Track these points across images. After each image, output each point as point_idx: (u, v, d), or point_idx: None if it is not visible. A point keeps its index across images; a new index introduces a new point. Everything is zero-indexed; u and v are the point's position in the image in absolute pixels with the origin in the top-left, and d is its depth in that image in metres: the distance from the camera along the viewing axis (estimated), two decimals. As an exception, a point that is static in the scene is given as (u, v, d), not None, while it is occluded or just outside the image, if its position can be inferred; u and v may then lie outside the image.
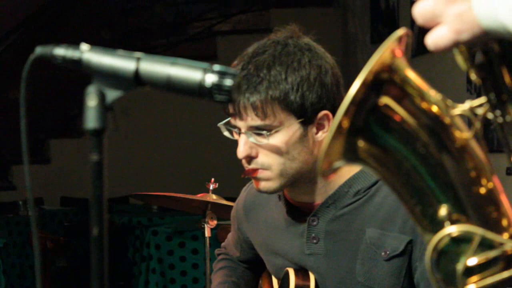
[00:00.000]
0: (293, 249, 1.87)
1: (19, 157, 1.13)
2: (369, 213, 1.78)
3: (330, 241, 1.82)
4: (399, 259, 1.75)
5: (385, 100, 0.99)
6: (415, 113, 1.00)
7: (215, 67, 1.01)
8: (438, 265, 1.02)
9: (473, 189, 1.00)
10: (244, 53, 1.77)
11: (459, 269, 1.00)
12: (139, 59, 1.03)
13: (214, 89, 1.00)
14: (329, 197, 1.81)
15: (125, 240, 5.46)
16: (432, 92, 1.01)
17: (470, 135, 1.00)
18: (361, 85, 0.97)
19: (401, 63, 1.00)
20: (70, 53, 1.05)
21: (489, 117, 1.00)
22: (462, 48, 0.98)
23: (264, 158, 1.75)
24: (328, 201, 1.81)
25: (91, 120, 1.02)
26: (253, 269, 2.18)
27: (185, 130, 7.39)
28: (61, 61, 1.05)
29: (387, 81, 0.99)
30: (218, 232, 3.79)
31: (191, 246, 4.97)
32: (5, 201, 6.27)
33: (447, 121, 1.00)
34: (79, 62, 1.05)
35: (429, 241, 1.02)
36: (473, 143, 1.00)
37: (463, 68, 0.99)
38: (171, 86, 1.02)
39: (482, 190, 1.00)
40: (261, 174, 1.76)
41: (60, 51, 1.05)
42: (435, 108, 1.00)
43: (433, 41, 0.96)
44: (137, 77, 1.03)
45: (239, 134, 1.76)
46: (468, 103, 1.01)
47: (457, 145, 1.00)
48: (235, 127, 1.77)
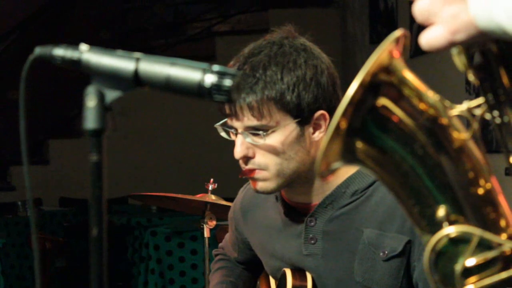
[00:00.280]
0: (291, 249, 1.87)
1: (18, 157, 1.13)
2: (367, 213, 1.78)
3: (328, 241, 1.82)
4: (397, 260, 1.75)
5: (383, 101, 0.99)
6: (413, 114, 1.00)
7: (215, 68, 1.01)
8: (436, 265, 1.02)
9: (471, 190, 1.00)
10: (240, 53, 1.77)
11: (457, 270, 1.00)
12: (138, 59, 1.03)
13: (213, 90, 1.00)
14: (326, 197, 1.81)
15: (124, 240, 5.46)
16: (430, 93, 1.01)
17: (468, 135, 1.00)
18: (359, 86, 0.98)
19: (399, 64, 1.01)
20: (69, 53, 1.05)
21: (487, 118, 1.00)
22: (460, 49, 0.98)
23: (261, 158, 1.75)
24: (325, 201, 1.81)
25: (91, 120, 1.02)
26: (250, 269, 2.18)
27: (184, 130, 7.39)
28: (60, 61, 1.05)
29: (384, 82, 0.99)
30: (217, 232, 3.79)
31: (190, 246, 4.97)
32: (4, 201, 6.27)
33: (445, 121, 1.00)
34: (78, 62, 1.05)
35: (427, 242, 1.02)
36: (471, 144, 1.01)
37: (461, 69, 0.99)
38: (170, 86, 1.02)
39: (480, 190, 1.00)
40: (258, 174, 1.77)
41: (59, 52, 1.05)
42: (432, 109, 1.00)
43: (427, 41, 0.96)
44: (137, 78, 1.03)
45: (236, 134, 1.77)
46: (466, 104, 1.01)
47: (455, 146, 1.00)
48: (231, 128, 1.78)
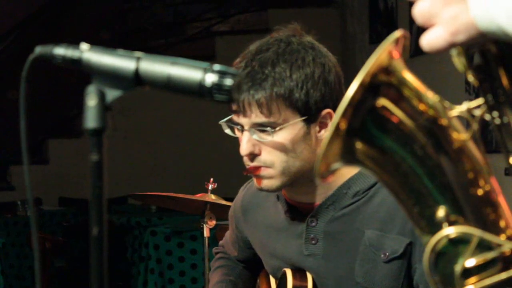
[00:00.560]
0: (292, 249, 1.87)
1: (18, 157, 1.13)
2: (368, 214, 1.78)
3: (329, 242, 1.81)
4: (398, 261, 1.74)
5: (383, 101, 0.99)
6: (413, 115, 1.00)
7: (215, 67, 1.00)
8: (436, 266, 1.02)
9: (471, 191, 1.00)
10: (246, 51, 1.76)
11: (457, 271, 1.00)
12: (139, 58, 1.03)
13: (214, 89, 1.00)
14: (328, 198, 1.81)
15: (124, 240, 5.46)
16: (429, 93, 1.01)
17: (467, 136, 1.00)
18: (359, 87, 0.98)
19: (398, 64, 1.01)
20: (70, 52, 1.05)
21: (486, 119, 1.00)
22: (459, 49, 0.98)
23: (267, 155, 1.74)
24: (327, 202, 1.81)
25: (91, 119, 1.01)
26: (251, 268, 2.18)
27: (184, 130, 7.39)
28: (60, 60, 1.05)
29: (384, 82, 0.99)
30: (217, 232, 3.79)
31: (190, 246, 4.97)
32: (4, 201, 6.27)
33: (445, 122, 1.00)
34: (79, 61, 1.04)
35: (427, 243, 1.02)
36: (471, 144, 1.01)
37: (461, 70, 0.99)
38: (171, 85, 1.02)
39: (480, 191, 1.00)
40: (264, 172, 1.76)
41: (60, 51, 1.05)
42: (432, 109, 1.00)
43: (428, 42, 0.96)
44: (137, 77, 1.02)
45: (242, 131, 1.76)
46: (465, 105, 1.01)
47: (455, 147, 1.00)
48: (237, 124, 1.77)
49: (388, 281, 1.75)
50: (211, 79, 1.00)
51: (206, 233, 3.18)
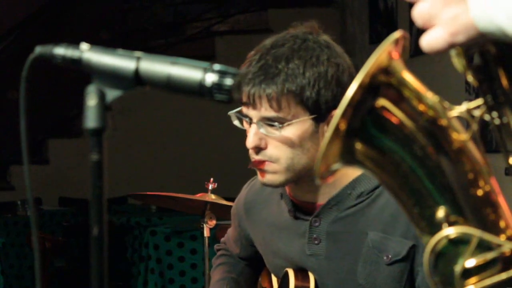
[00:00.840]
0: (294, 249, 1.87)
1: (18, 157, 1.13)
2: (372, 216, 1.77)
3: (331, 242, 1.81)
4: (401, 264, 1.74)
5: (382, 102, 0.99)
6: (412, 115, 1.00)
7: (215, 67, 1.00)
8: (436, 266, 1.02)
9: (471, 191, 1.00)
10: (261, 44, 1.75)
11: (457, 271, 1.01)
12: (139, 58, 1.03)
13: (214, 89, 1.00)
14: (332, 198, 1.80)
15: (124, 240, 5.46)
16: (429, 94, 1.01)
17: (467, 136, 1.00)
18: (358, 88, 0.98)
19: (398, 65, 1.01)
20: (70, 52, 1.05)
21: (486, 119, 1.00)
22: (459, 50, 0.98)
23: (272, 150, 1.74)
24: (330, 202, 1.80)
25: (91, 119, 1.02)
26: (252, 266, 2.18)
27: (184, 129, 7.39)
28: (61, 60, 1.05)
29: (384, 83, 0.99)
30: (217, 232, 3.79)
31: (190, 246, 4.97)
32: (4, 201, 6.27)
33: (444, 123, 1.00)
34: (79, 61, 1.04)
35: (427, 243, 1.02)
36: (471, 145, 1.01)
37: (460, 70, 1.00)
38: (171, 85, 1.02)
39: (479, 191, 1.00)
40: (268, 166, 1.75)
41: (60, 51, 1.05)
42: (432, 110, 1.00)
43: (428, 43, 0.97)
44: (137, 77, 1.02)
45: (250, 123, 1.75)
46: (465, 105, 1.01)
47: (455, 147, 1.00)
48: (246, 117, 1.76)
49: (390, 284, 1.75)
50: (211, 78, 1.00)
51: (206, 233, 3.18)
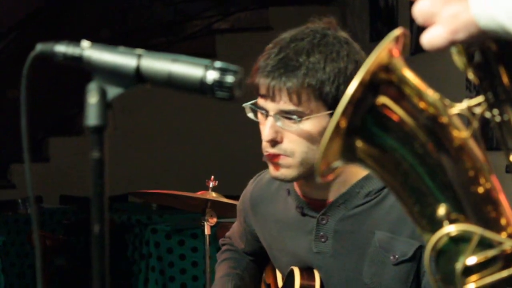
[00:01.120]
0: (301, 246, 1.87)
1: (18, 155, 1.13)
2: (380, 215, 1.77)
3: (338, 240, 1.81)
4: (407, 264, 1.74)
5: (383, 100, 1.00)
6: (413, 113, 1.00)
7: (217, 64, 1.00)
8: (437, 264, 1.02)
9: (472, 188, 1.00)
10: (279, 38, 1.75)
11: (458, 269, 1.01)
12: (140, 56, 1.03)
13: (215, 86, 1.00)
14: (340, 196, 1.80)
15: (125, 238, 5.46)
16: (429, 91, 1.01)
17: (468, 134, 1.00)
18: (359, 85, 0.98)
19: (398, 62, 1.01)
20: (71, 50, 1.05)
21: (487, 116, 1.00)
22: (459, 48, 0.98)
23: (288, 144, 1.73)
24: (339, 200, 1.80)
25: (92, 117, 1.02)
26: (257, 261, 2.17)
27: (185, 127, 7.38)
28: (61, 58, 1.05)
29: (384, 81, 1.00)
30: (217, 230, 3.79)
31: (191, 244, 4.96)
32: (4, 199, 6.27)
33: (445, 120, 1.00)
34: (80, 59, 1.04)
35: (428, 241, 1.02)
36: (471, 142, 1.01)
37: (461, 68, 1.00)
38: (172, 83, 1.02)
39: (480, 189, 1.00)
40: (283, 160, 1.75)
41: (61, 48, 1.05)
42: (432, 107, 1.00)
43: (428, 40, 0.97)
44: (138, 74, 1.02)
45: (266, 116, 1.75)
46: (465, 102, 1.01)
47: (455, 145, 1.00)
48: (262, 109, 1.75)
49: (396, 284, 1.75)
50: (212, 76, 1.00)
51: (207, 231, 3.18)
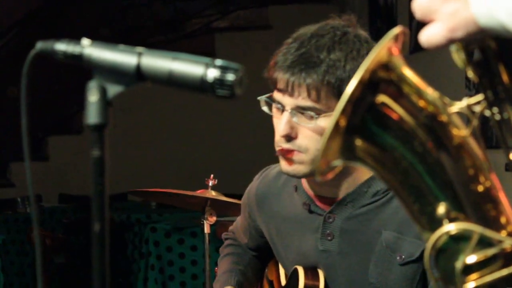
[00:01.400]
0: (307, 243, 1.86)
1: (18, 154, 1.13)
2: (387, 215, 1.77)
3: (344, 239, 1.81)
4: (414, 265, 1.74)
5: (382, 98, 0.99)
6: (412, 111, 1.00)
7: (217, 62, 1.00)
8: (437, 263, 1.02)
9: (471, 187, 1.00)
10: (298, 33, 1.74)
11: (458, 267, 1.00)
12: (140, 54, 1.03)
13: (216, 84, 0.99)
14: (347, 194, 1.80)
15: (124, 237, 5.45)
16: (429, 90, 1.01)
17: (467, 132, 1.00)
18: (358, 84, 0.98)
19: (398, 61, 1.01)
20: (71, 48, 1.05)
21: (486, 115, 1.00)
22: (459, 45, 0.98)
23: (303, 140, 1.73)
24: (346, 198, 1.80)
25: (92, 115, 1.01)
26: (260, 257, 2.17)
27: (185, 126, 7.38)
28: (62, 56, 1.05)
29: (384, 79, 0.99)
30: (217, 228, 3.79)
31: (190, 242, 4.96)
32: (4, 198, 6.27)
33: (445, 119, 1.00)
34: (80, 57, 1.04)
35: (428, 240, 1.02)
36: (471, 141, 1.01)
37: (460, 66, 1.00)
38: (172, 81, 1.01)
39: (480, 187, 1.00)
40: (296, 156, 1.74)
41: (61, 46, 1.05)
42: (432, 106, 1.00)
43: (427, 38, 0.97)
44: (139, 72, 1.02)
45: (282, 111, 1.74)
46: (465, 101, 1.01)
47: (455, 143, 1.00)
48: (278, 103, 1.75)
49: (402, 284, 1.75)
50: (213, 74, 0.99)
51: (206, 230, 3.17)
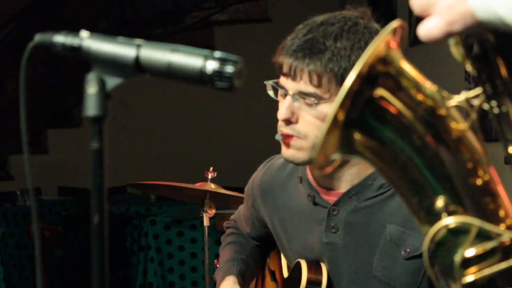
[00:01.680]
0: (311, 235, 1.86)
1: (17, 147, 1.13)
2: (392, 209, 1.77)
3: (349, 232, 1.80)
4: (418, 260, 1.74)
5: (381, 92, 0.99)
6: (411, 105, 1.00)
7: (216, 54, 1.00)
8: (435, 256, 1.02)
9: (470, 180, 1.00)
10: (310, 20, 1.74)
11: (457, 261, 1.01)
12: (139, 46, 1.03)
13: (215, 76, 0.99)
14: (352, 187, 1.80)
15: (123, 230, 5.46)
16: (427, 83, 1.01)
17: (466, 126, 1.00)
18: (356, 77, 0.98)
19: (396, 55, 1.01)
20: (69, 40, 1.05)
21: (485, 108, 1.00)
22: (457, 39, 0.98)
23: (302, 126, 1.73)
24: (351, 191, 1.80)
25: (91, 107, 1.01)
26: (262, 246, 2.17)
27: (184, 119, 7.37)
28: (60, 48, 1.05)
29: (382, 73, 0.99)
30: (216, 221, 3.79)
31: (190, 235, 4.97)
32: (3, 191, 6.27)
33: (443, 112, 1.00)
34: (78, 49, 1.04)
35: (426, 233, 1.02)
36: (470, 134, 1.01)
37: (459, 59, 1.00)
38: (171, 73, 1.01)
39: (478, 181, 1.00)
40: (295, 141, 1.75)
41: (59, 38, 1.05)
42: (430, 99, 1.00)
43: (425, 31, 0.97)
44: (138, 64, 1.02)
45: (285, 96, 1.75)
46: (464, 94, 1.01)
47: (453, 137, 1.00)
48: (282, 88, 1.75)
49: (406, 278, 1.75)
50: (212, 66, 0.99)
51: (205, 222, 3.18)
